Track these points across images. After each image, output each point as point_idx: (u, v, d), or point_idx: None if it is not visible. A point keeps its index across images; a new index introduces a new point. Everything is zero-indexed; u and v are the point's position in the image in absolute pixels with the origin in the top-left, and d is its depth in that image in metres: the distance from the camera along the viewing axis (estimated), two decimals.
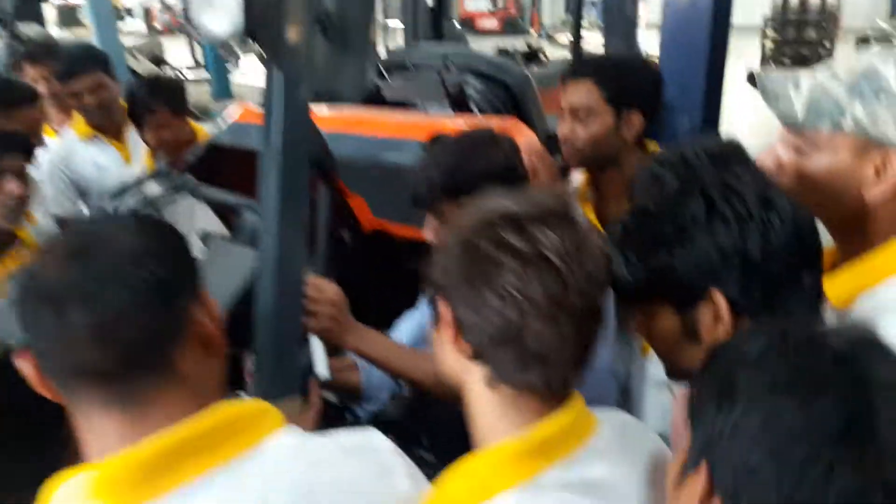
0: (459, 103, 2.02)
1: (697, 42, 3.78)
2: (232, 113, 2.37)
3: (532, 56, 5.16)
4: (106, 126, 2.65)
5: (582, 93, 1.68)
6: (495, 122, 1.89)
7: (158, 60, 5.28)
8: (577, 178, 1.90)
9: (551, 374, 0.77)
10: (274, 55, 1.10)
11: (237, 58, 5.39)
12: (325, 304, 1.29)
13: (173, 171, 2.00)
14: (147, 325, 0.73)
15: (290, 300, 1.19)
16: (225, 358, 0.85)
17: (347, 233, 2.51)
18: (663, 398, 1.36)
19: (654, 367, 1.46)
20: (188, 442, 0.74)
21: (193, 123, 2.75)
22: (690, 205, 0.94)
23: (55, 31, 9.06)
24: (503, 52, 4.94)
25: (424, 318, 1.64)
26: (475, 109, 2.02)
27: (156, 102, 2.48)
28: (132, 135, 2.70)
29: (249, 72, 5.77)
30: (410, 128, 1.86)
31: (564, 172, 2.02)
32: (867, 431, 0.63)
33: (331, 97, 1.18)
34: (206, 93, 4.39)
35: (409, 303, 1.69)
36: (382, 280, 2.18)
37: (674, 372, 1.05)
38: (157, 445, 0.72)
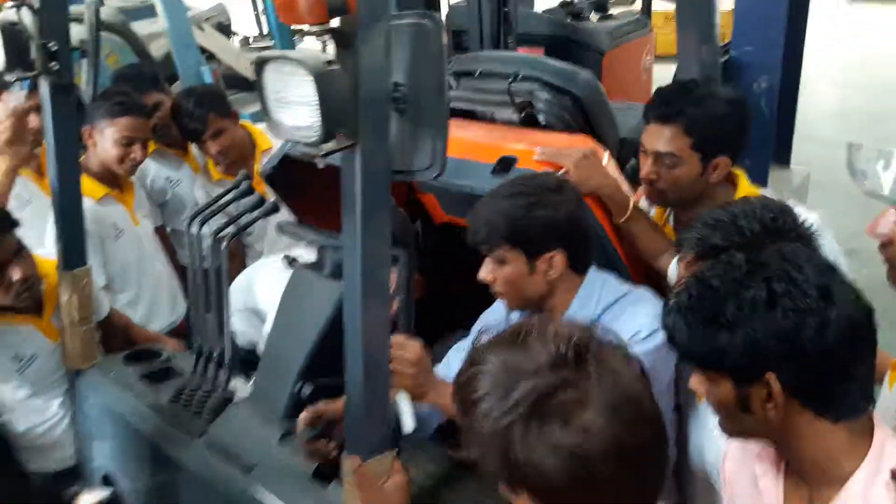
0: (528, 116, 2.01)
1: None
2: None
3: (601, 7, 4.94)
4: (168, 140, 2.75)
5: (668, 139, 1.63)
6: (566, 139, 1.88)
7: (226, 30, 5.30)
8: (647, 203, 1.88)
9: None
10: (354, 138, 1.13)
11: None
12: (408, 364, 1.37)
13: (254, 189, 2.08)
14: None
15: (376, 363, 1.26)
16: None
17: (420, 224, 2.60)
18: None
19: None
20: None
21: (245, 123, 2.83)
22: (753, 290, 0.99)
23: None
24: (567, 3, 4.74)
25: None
26: (543, 122, 2.00)
27: (205, 112, 2.55)
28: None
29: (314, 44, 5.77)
30: (479, 150, 1.87)
31: (634, 177, 1.99)
32: None
33: (408, 174, 1.21)
34: None
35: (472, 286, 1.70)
36: (451, 267, 2.26)
37: (726, 431, 1.10)
38: None
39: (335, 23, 1.04)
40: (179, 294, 2.71)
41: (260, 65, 1.04)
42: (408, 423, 1.37)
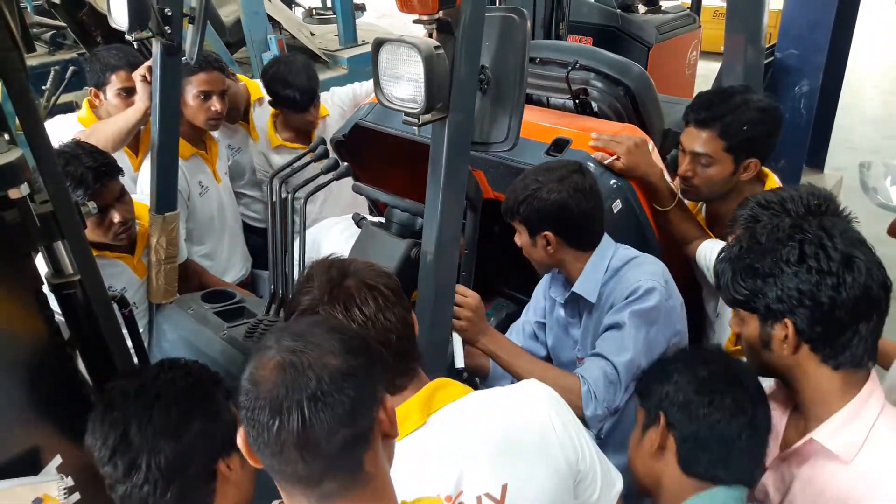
0: (582, 103, 2.18)
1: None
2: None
3: (652, 2, 5.05)
4: (230, 114, 2.89)
5: (704, 141, 1.82)
6: (617, 127, 2.06)
7: (287, 1, 5.50)
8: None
9: None
10: (446, 111, 1.34)
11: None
12: (468, 310, 1.58)
13: (332, 154, 2.29)
14: (347, 438, 0.82)
15: (443, 307, 1.47)
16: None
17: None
18: None
19: None
20: None
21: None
22: (788, 249, 1.19)
23: None
24: None
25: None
26: (596, 109, 2.17)
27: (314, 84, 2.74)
28: (258, 112, 2.98)
29: (374, 15, 5.98)
30: (536, 130, 2.05)
31: (674, 167, 2.17)
32: None
33: (485, 145, 1.41)
34: (333, 38, 4.63)
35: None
36: (490, 242, 2.45)
37: (752, 366, 1.31)
38: None
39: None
40: (246, 250, 2.94)
41: (377, 45, 1.24)
42: (459, 361, 1.58)
